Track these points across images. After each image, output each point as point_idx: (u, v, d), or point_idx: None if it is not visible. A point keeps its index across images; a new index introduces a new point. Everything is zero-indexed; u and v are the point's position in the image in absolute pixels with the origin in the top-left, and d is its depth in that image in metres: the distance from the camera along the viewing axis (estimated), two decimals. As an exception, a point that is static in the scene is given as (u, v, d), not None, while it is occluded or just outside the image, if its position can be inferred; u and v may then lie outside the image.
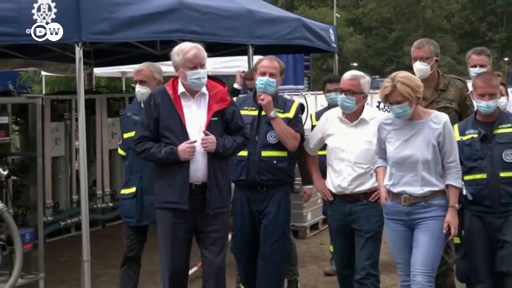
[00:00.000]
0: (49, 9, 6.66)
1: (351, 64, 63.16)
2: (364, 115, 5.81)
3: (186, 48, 5.59)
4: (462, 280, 5.89)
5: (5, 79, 15.71)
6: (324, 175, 6.67)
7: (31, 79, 22.67)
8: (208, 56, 10.18)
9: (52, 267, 7.99)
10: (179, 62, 5.54)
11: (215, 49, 10.20)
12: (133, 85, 6.44)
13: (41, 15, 6.67)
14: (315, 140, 6.14)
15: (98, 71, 14.06)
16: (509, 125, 5.43)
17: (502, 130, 5.43)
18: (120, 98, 11.10)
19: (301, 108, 6.53)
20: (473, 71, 7.02)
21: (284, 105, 6.41)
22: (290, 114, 6.39)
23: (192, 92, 5.59)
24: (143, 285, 7.45)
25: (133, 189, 6.31)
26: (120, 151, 6.63)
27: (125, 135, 6.39)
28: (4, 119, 7.40)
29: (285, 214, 6.37)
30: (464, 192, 5.35)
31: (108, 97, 10.83)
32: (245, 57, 9.90)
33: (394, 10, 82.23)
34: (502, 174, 5.37)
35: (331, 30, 11.17)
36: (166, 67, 14.38)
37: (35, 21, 6.71)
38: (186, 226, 5.55)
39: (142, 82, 6.35)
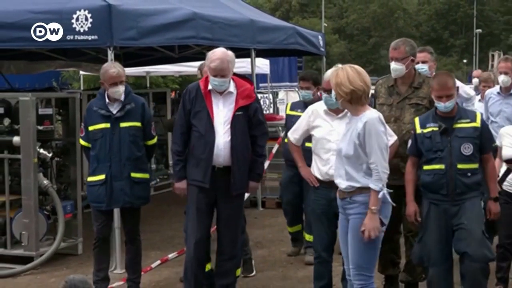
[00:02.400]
0: (86, 19, 6.65)
1: (336, 67, 62.82)
2: None
3: (212, 58, 5.39)
4: (418, 263, 5.43)
5: (49, 78, 15.65)
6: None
7: (71, 78, 22.59)
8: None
9: (89, 233, 7.94)
10: (206, 66, 5.44)
11: (224, 52, 10.18)
12: (106, 85, 5.89)
13: (79, 24, 6.66)
14: (301, 132, 5.61)
15: (126, 70, 13.99)
16: (468, 120, 5.04)
17: (462, 125, 5.02)
18: (144, 93, 11.07)
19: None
20: (417, 67, 6.55)
21: None
22: None
23: (220, 90, 5.44)
24: (163, 248, 7.48)
25: (102, 176, 5.85)
26: (83, 142, 6.10)
27: (91, 128, 5.94)
28: (49, 111, 7.42)
29: None
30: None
31: (135, 92, 10.78)
32: (249, 59, 9.89)
33: (372, 20, 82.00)
34: (459, 166, 4.98)
35: (320, 37, 11.15)
36: (183, 68, 14.52)
37: (74, 29, 6.70)
38: (208, 201, 5.44)
39: (122, 82, 5.94)
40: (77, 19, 6.66)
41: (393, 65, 5.66)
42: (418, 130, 5.15)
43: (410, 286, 5.76)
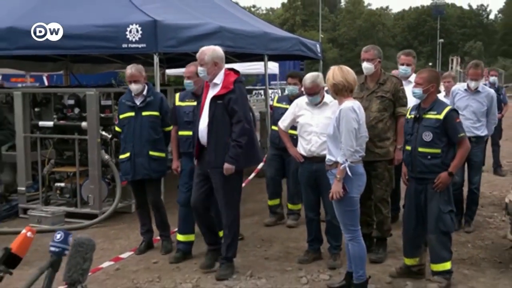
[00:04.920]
0: (137, 31, 6.64)
1: (331, 67, 62.54)
2: (325, 99, 5.33)
3: (200, 50, 5.11)
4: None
5: (109, 77, 15.66)
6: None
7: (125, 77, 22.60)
8: (238, 62, 10.18)
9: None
10: None
11: (243, 57, 10.16)
12: (125, 82, 5.88)
13: (131, 35, 6.66)
14: (288, 121, 5.55)
15: (168, 71, 14.00)
16: (435, 112, 4.77)
17: (429, 115, 4.79)
18: (183, 89, 11.02)
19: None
20: (401, 68, 6.40)
21: None
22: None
23: (202, 79, 5.12)
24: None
25: (127, 154, 5.86)
26: (117, 128, 6.18)
27: (121, 116, 5.95)
28: (109, 102, 7.42)
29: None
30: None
31: (175, 88, 10.75)
32: (262, 62, 9.84)
33: (358, 32, 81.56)
34: (419, 149, 4.79)
35: (317, 45, 11.09)
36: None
37: (127, 39, 6.69)
38: (201, 172, 5.16)
39: (136, 82, 5.81)
40: (130, 31, 6.66)
41: (365, 64, 5.59)
42: (408, 116, 5.05)
43: (380, 240, 5.71)
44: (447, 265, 4.84)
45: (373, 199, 5.61)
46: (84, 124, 7.17)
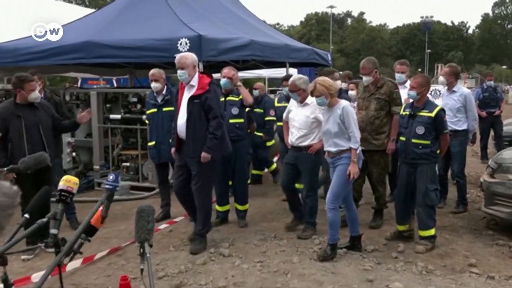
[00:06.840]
0: (186, 44, 6.64)
1: (320, 77, 61.76)
2: (307, 100, 5.04)
3: (178, 56, 4.71)
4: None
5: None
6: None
7: (176, 80, 22.66)
8: (265, 68, 10.09)
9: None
10: None
11: (269, 64, 10.11)
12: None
13: (182, 46, 6.66)
14: (286, 113, 5.35)
15: (210, 76, 13.95)
16: (427, 111, 4.72)
17: (422, 113, 4.73)
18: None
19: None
20: (397, 76, 6.18)
21: (237, 93, 5.68)
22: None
23: (182, 81, 4.71)
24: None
25: (153, 142, 5.82)
26: (146, 121, 6.21)
27: (148, 112, 5.96)
28: (163, 100, 7.45)
29: (246, 156, 5.80)
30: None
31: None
32: (284, 69, 9.77)
33: (361, 44, 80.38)
34: (413, 140, 4.74)
35: (328, 55, 10.95)
36: (245, 74, 14.38)
37: (178, 50, 6.69)
38: (178, 164, 4.87)
39: (156, 81, 5.73)
40: (180, 44, 6.66)
41: (364, 78, 5.42)
42: (401, 112, 4.99)
43: (377, 211, 5.64)
44: (432, 232, 4.81)
45: (372, 180, 5.55)
46: (144, 117, 7.22)
